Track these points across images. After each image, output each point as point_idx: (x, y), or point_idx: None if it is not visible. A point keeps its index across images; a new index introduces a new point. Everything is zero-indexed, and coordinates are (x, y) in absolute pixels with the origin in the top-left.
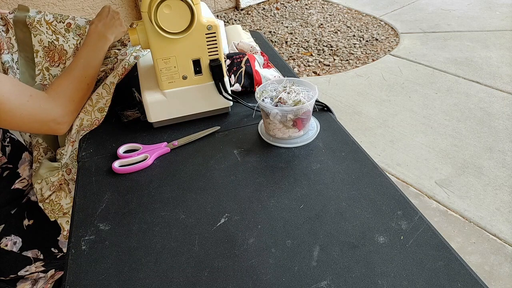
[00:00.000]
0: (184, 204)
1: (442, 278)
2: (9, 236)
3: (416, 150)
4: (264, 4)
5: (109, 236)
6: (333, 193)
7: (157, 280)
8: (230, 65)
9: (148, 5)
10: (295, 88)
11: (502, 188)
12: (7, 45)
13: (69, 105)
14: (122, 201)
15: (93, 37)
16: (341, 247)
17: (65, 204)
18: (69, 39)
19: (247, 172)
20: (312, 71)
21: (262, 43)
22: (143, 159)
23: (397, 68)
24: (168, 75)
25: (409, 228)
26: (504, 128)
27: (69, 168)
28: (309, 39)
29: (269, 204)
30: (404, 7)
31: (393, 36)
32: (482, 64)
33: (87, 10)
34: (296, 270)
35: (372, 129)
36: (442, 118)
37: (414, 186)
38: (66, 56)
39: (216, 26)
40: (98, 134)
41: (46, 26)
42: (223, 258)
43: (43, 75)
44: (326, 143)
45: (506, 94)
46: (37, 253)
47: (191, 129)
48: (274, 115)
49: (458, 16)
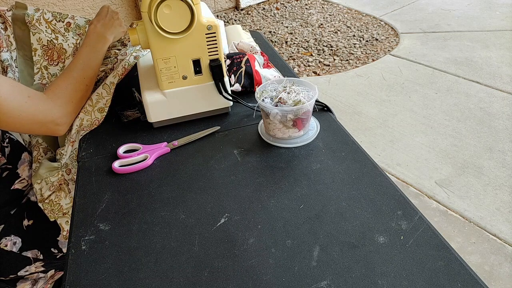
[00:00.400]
0: (184, 204)
1: (442, 278)
2: (8, 236)
3: (416, 150)
4: (264, 4)
5: (109, 236)
6: (333, 193)
7: (157, 280)
8: (230, 65)
9: (148, 5)
10: (295, 88)
11: (502, 188)
12: (6, 43)
13: (68, 106)
14: (122, 201)
15: (92, 38)
16: (341, 247)
17: (65, 204)
18: (68, 38)
19: (247, 172)
20: (312, 71)
21: (262, 43)
22: (143, 159)
23: (397, 68)
24: (168, 75)
25: (409, 228)
26: (504, 128)
27: (69, 168)
28: (309, 39)
29: (269, 204)
30: (404, 7)
31: (393, 36)
32: (482, 64)
33: (87, 10)
34: (296, 270)
35: (372, 129)
36: (442, 118)
37: (414, 186)
38: (65, 55)
39: (216, 26)
40: (98, 134)
41: (46, 25)
42: (223, 258)
43: (41, 73)
44: (326, 143)
45: (506, 94)
46: (36, 253)
47: (191, 129)
48: (274, 115)
49: (458, 16)
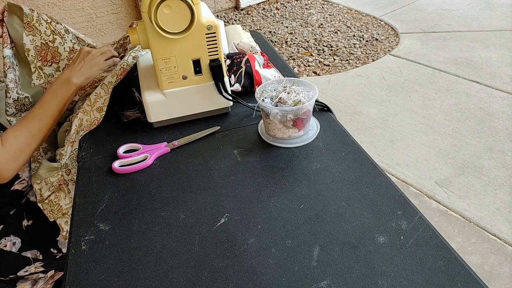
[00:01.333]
0: (184, 204)
1: (442, 278)
2: (8, 236)
3: (416, 150)
4: (264, 4)
5: (109, 236)
6: (333, 193)
7: (157, 280)
8: (230, 65)
9: (148, 5)
10: (295, 88)
11: (502, 188)
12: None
13: (16, 162)
14: (122, 201)
15: (56, 84)
16: (341, 247)
17: (64, 205)
18: (66, 41)
19: (247, 172)
20: (312, 71)
21: (262, 43)
22: (143, 159)
23: (397, 68)
24: (168, 75)
25: (409, 228)
26: (504, 128)
27: (69, 168)
28: (309, 39)
29: (269, 204)
30: (404, 7)
31: (393, 36)
32: (482, 64)
33: (87, 10)
34: (296, 270)
35: (372, 129)
36: (442, 118)
37: (414, 186)
38: (59, 57)
39: (216, 26)
40: (98, 134)
41: (46, 26)
42: (223, 258)
43: (38, 73)
44: (326, 143)
45: (506, 94)
46: (36, 253)
47: (191, 129)
48: (274, 115)
49: (458, 16)
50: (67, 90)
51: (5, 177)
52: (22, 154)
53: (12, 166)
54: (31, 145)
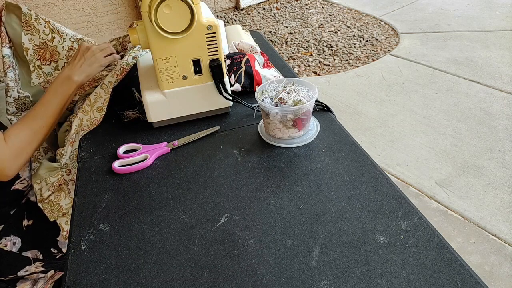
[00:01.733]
0: (184, 204)
1: (442, 278)
2: (8, 236)
3: (416, 150)
4: (264, 4)
5: (109, 236)
6: (333, 193)
7: (157, 280)
8: (230, 65)
9: (148, 5)
10: (295, 88)
11: (502, 188)
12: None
13: (18, 160)
14: (122, 201)
15: (57, 82)
16: (341, 247)
17: (65, 205)
18: (65, 40)
19: (247, 172)
20: (312, 71)
21: (262, 43)
22: (143, 159)
23: (397, 68)
24: (168, 75)
25: (409, 228)
26: (504, 128)
27: (69, 168)
28: (309, 39)
29: (269, 204)
30: (404, 7)
31: (393, 36)
32: (482, 64)
33: (87, 10)
34: (296, 270)
35: (372, 129)
36: (442, 118)
37: (414, 186)
38: (58, 56)
39: (216, 26)
40: (98, 134)
41: (45, 24)
42: (223, 258)
43: (37, 72)
44: (326, 143)
45: (506, 94)
46: (36, 253)
47: (191, 129)
48: (274, 115)
49: (458, 16)
50: (68, 88)
51: (8, 175)
52: (24, 152)
53: (14, 164)
54: (32, 144)
